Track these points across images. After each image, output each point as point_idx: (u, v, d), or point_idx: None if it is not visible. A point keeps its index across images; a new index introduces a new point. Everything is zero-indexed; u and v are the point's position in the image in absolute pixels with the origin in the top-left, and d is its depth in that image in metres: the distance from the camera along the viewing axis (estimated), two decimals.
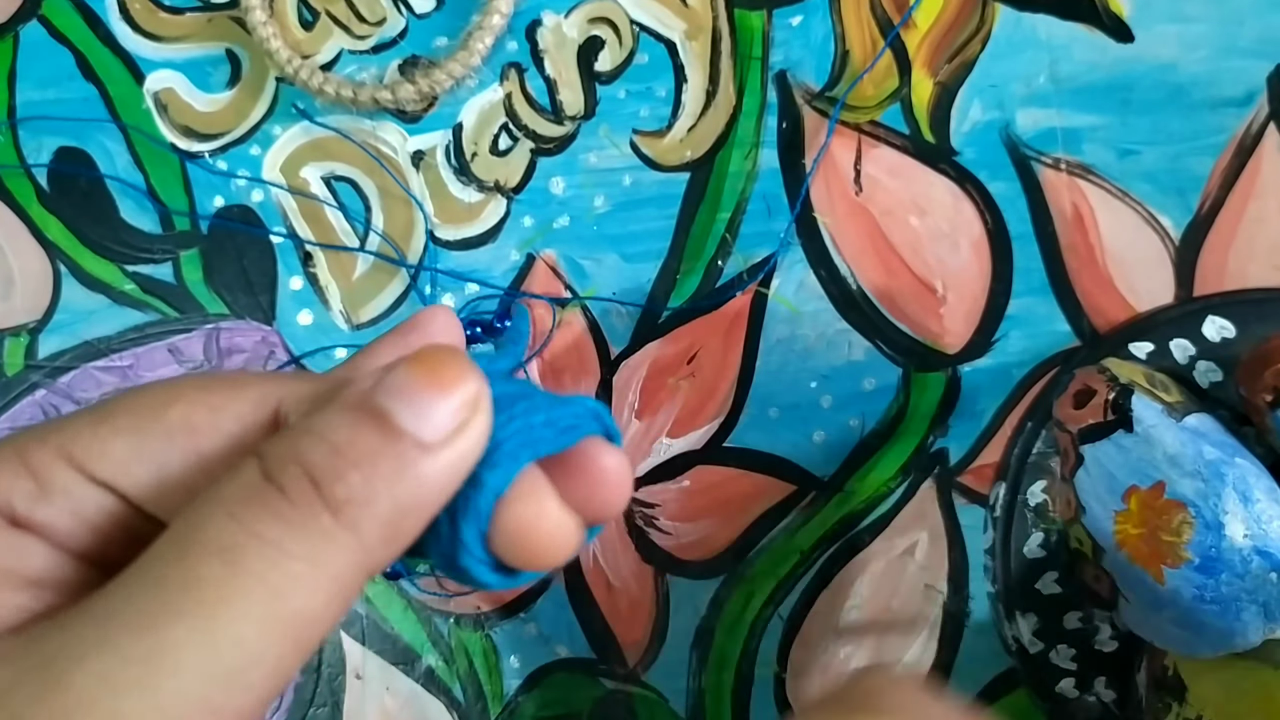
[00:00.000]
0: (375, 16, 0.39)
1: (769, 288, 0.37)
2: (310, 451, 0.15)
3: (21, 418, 0.38)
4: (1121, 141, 0.36)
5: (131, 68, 0.39)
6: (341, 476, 0.15)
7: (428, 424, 0.16)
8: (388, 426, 0.16)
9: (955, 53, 0.37)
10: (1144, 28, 0.36)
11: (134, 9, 0.39)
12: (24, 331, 0.38)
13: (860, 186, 0.37)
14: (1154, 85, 0.36)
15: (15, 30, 0.39)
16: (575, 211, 0.38)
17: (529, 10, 0.38)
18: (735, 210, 0.37)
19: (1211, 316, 0.35)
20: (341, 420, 0.16)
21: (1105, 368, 0.33)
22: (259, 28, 0.37)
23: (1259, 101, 0.36)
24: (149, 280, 0.38)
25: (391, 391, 0.16)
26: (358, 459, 0.15)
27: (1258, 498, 0.29)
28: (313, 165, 0.38)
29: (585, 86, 0.38)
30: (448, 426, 0.16)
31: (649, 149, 0.38)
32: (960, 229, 0.36)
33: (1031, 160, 0.36)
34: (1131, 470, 0.31)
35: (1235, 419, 0.32)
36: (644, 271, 0.37)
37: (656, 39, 0.38)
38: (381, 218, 0.38)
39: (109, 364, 0.38)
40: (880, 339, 0.37)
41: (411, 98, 0.37)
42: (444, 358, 0.17)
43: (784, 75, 0.37)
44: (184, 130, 0.39)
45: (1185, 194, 0.36)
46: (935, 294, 0.36)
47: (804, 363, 0.37)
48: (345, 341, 0.38)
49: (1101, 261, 0.36)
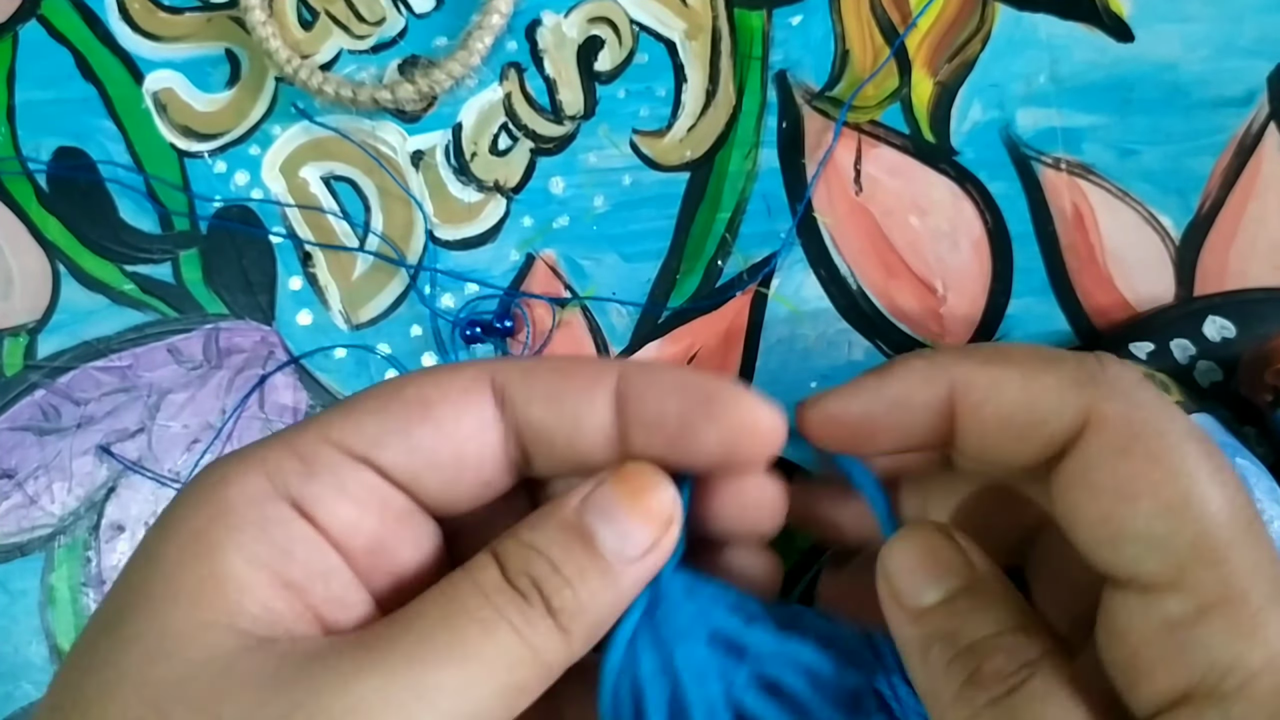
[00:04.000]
0: (375, 16, 0.39)
1: (769, 288, 0.37)
2: (536, 566, 0.19)
3: (21, 418, 0.38)
4: (1122, 141, 0.36)
5: (131, 67, 0.39)
6: (559, 591, 0.19)
7: (629, 544, 0.19)
8: (594, 549, 0.19)
9: (955, 52, 0.37)
10: (1144, 27, 0.36)
11: (133, 9, 0.39)
12: (23, 332, 0.38)
13: (860, 186, 0.37)
14: (1154, 85, 0.36)
15: (14, 30, 0.39)
16: (575, 211, 0.38)
17: (529, 10, 0.38)
18: (735, 210, 0.37)
19: (1212, 316, 0.35)
20: (556, 538, 0.19)
21: None
22: (258, 27, 0.37)
23: (1259, 101, 0.36)
24: (148, 280, 0.38)
25: (598, 512, 0.20)
26: (570, 576, 0.19)
27: (1258, 498, 0.29)
28: (312, 165, 0.38)
29: (585, 86, 0.38)
30: (644, 546, 0.20)
31: (649, 149, 0.38)
32: (960, 229, 0.36)
33: (1031, 160, 0.36)
34: None
35: (1235, 419, 0.32)
36: (644, 271, 0.37)
37: (656, 39, 0.38)
38: (381, 218, 0.38)
39: (108, 364, 0.38)
40: (880, 339, 0.37)
41: (411, 98, 0.37)
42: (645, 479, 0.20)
43: (784, 75, 0.37)
44: (183, 130, 0.39)
45: (1185, 194, 0.36)
46: (935, 294, 0.36)
47: (804, 363, 0.37)
48: (345, 341, 0.38)
49: (1101, 261, 0.36)
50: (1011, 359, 0.20)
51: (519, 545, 0.19)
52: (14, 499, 0.37)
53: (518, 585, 0.19)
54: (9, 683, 0.37)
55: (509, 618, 0.18)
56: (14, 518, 0.37)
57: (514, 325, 0.37)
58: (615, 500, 0.20)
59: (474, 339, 0.37)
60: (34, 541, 0.37)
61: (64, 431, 0.38)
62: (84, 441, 0.38)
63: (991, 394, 0.20)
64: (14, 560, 0.37)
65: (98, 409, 0.38)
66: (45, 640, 0.37)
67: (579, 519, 0.19)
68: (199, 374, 0.38)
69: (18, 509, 0.37)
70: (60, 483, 0.37)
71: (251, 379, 0.38)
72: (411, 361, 0.38)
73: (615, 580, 0.19)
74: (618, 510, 0.20)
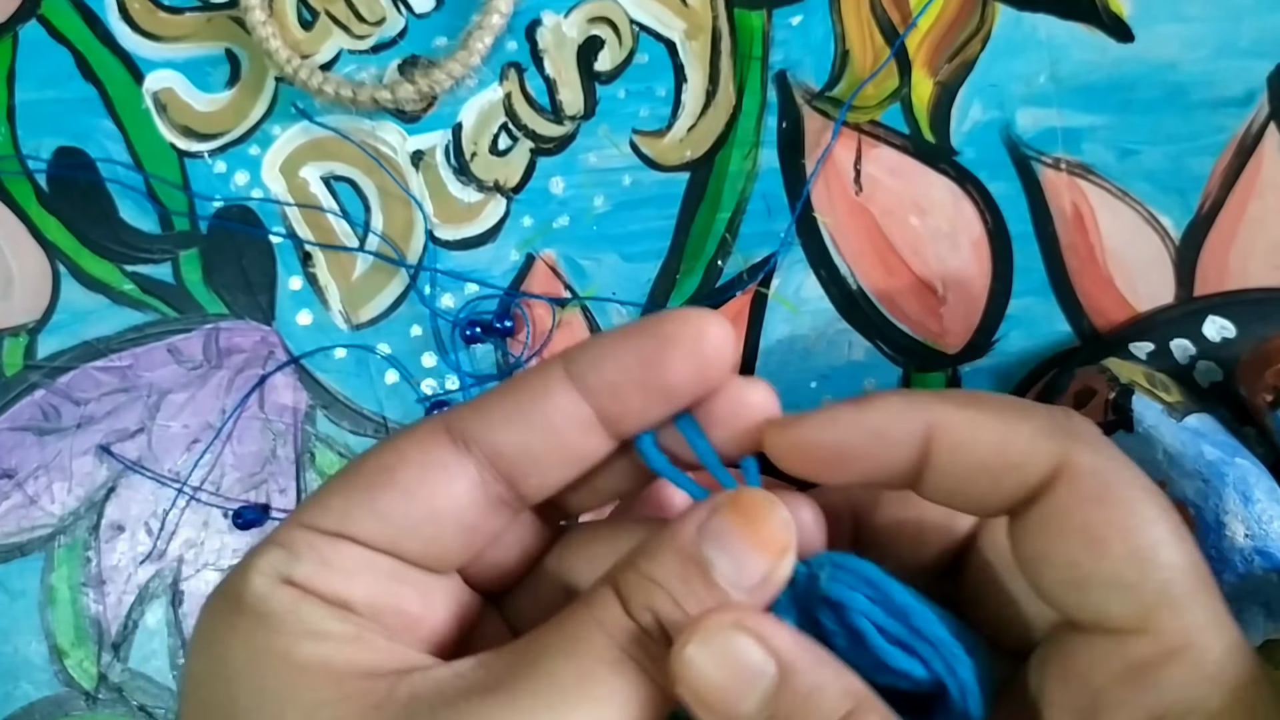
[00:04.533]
0: (375, 16, 0.39)
1: (769, 288, 0.37)
2: (657, 600, 0.19)
3: (21, 418, 0.38)
4: (1122, 141, 0.36)
5: (131, 67, 0.39)
6: (673, 617, 0.19)
7: (745, 575, 0.19)
8: (711, 581, 0.19)
9: (955, 52, 0.37)
10: (1144, 27, 0.36)
11: (133, 9, 0.39)
12: (23, 331, 0.38)
13: (860, 186, 0.37)
14: (1154, 85, 0.36)
15: (14, 30, 0.39)
16: (575, 211, 0.38)
17: (528, 10, 0.38)
18: (735, 210, 0.37)
19: (1212, 316, 0.35)
20: (675, 570, 0.19)
21: (1105, 368, 0.33)
22: (258, 27, 0.37)
23: (1259, 101, 0.36)
24: (148, 280, 0.38)
25: (714, 541, 0.19)
26: (691, 610, 0.19)
27: (1258, 498, 0.29)
28: (312, 165, 0.38)
29: (585, 86, 0.38)
30: (762, 574, 0.19)
31: (649, 149, 0.38)
32: (960, 229, 0.36)
33: (1032, 160, 0.36)
34: None
35: (1235, 419, 0.32)
36: (644, 271, 0.37)
37: (656, 39, 0.38)
38: (381, 218, 0.38)
39: (108, 364, 0.38)
40: (880, 339, 0.37)
41: (411, 97, 0.37)
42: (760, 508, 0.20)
43: (784, 75, 0.37)
44: (183, 130, 0.39)
45: (1185, 194, 0.36)
46: (935, 294, 0.36)
47: (804, 363, 0.37)
48: (345, 341, 0.38)
49: (1102, 261, 0.36)
50: (987, 404, 0.21)
51: (638, 578, 0.19)
52: (14, 499, 0.37)
53: (641, 621, 0.19)
54: (9, 683, 0.37)
55: (636, 657, 0.19)
56: (14, 518, 0.37)
57: (514, 325, 0.37)
58: (731, 528, 0.20)
59: (474, 339, 0.37)
60: (34, 541, 0.37)
61: (64, 431, 0.38)
62: (84, 441, 0.38)
63: (969, 436, 0.20)
64: (14, 560, 0.37)
65: (98, 409, 0.38)
66: (45, 640, 0.37)
67: (696, 549, 0.19)
68: (199, 374, 0.38)
69: (18, 509, 0.37)
70: (60, 483, 0.37)
71: (251, 379, 0.38)
72: (411, 361, 0.38)
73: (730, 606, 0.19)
74: (733, 539, 0.19)
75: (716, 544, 0.19)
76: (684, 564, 0.19)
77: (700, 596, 0.19)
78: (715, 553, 0.19)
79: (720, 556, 0.19)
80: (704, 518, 0.20)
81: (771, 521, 0.20)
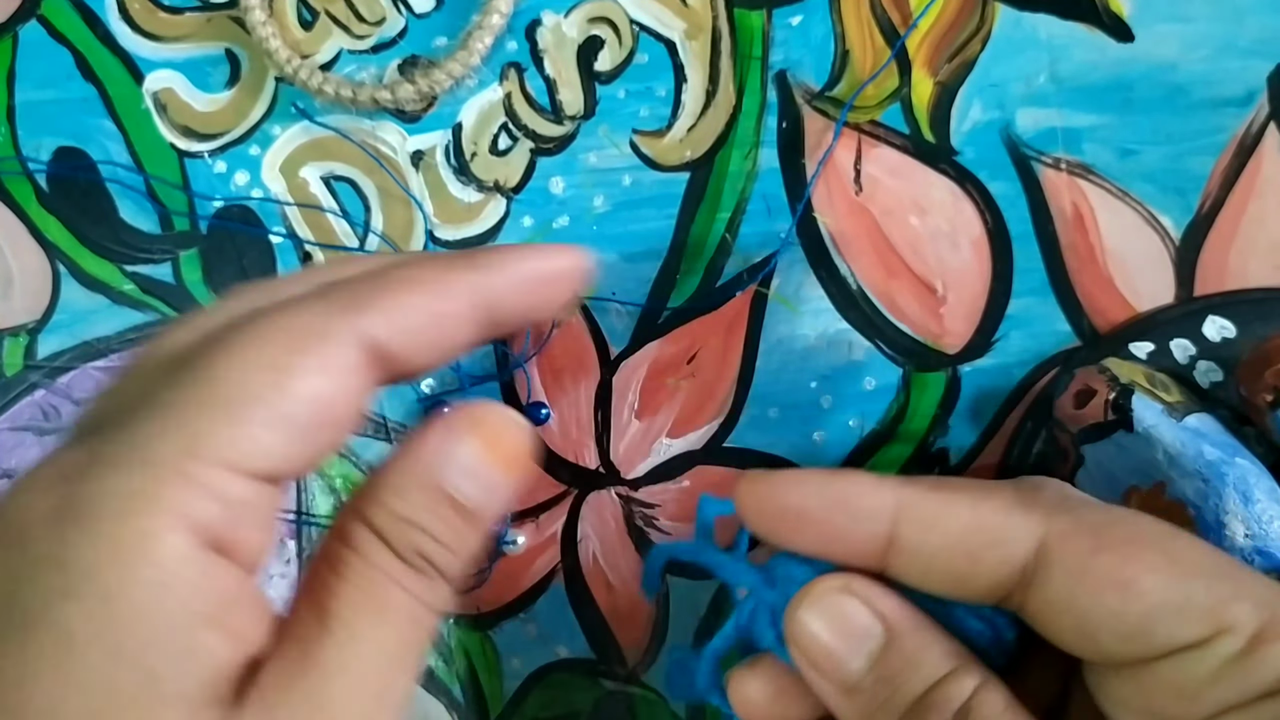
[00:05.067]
0: (375, 16, 0.39)
1: (769, 288, 0.37)
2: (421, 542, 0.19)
3: (21, 418, 0.38)
4: (1122, 141, 0.36)
5: (131, 67, 0.39)
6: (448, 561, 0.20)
7: (493, 495, 0.20)
8: (464, 509, 0.20)
9: (955, 52, 0.37)
10: (1144, 27, 0.36)
11: (133, 9, 0.39)
12: (23, 332, 0.38)
13: (860, 186, 0.37)
14: (1154, 85, 0.36)
15: (14, 30, 0.39)
16: (575, 211, 0.38)
17: (528, 10, 0.38)
18: (735, 210, 0.37)
19: (1212, 316, 0.35)
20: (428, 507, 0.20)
21: (1105, 368, 0.33)
22: (258, 27, 0.37)
23: (1259, 101, 0.35)
24: (148, 280, 0.38)
25: (460, 471, 0.20)
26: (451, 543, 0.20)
27: (1258, 498, 0.29)
28: (312, 165, 0.38)
29: (585, 86, 0.38)
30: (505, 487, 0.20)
31: (649, 149, 0.38)
32: (960, 229, 0.36)
33: (1031, 160, 0.36)
34: (1132, 470, 0.31)
35: (1235, 419, 0.32)
36: (644, 271, 0.37)
37: (656, 39, 0.38)
38: (381, 218, 0.38)
39: (108, 364, 0.38)
40: (880, 339, 0.37)
41: (411, 97, 0.37)
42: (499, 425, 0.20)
43: (784, 75, 0.37)
44: (183, 130, 0.39)
45: (1185, 194, 0.36)
46: (935, 294, 0.36)
47: (804, 363, 0.37)
48: None
49: (1102, 261, 0.36)
50: (954, 487, 0.21)
51: (394, 520, 0.20)
52: None
53: (414, 565, 0.19)
54: None
55: (421, 596, 0.19)
56: None
57: None
58: (475, 454, 0.20)
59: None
60: None
61: (64, 432, 0.38)
62: None
63: (940, 513, 0.20)
64: None
65: None
66: None
67: (443, 481, 0.20)
68: None
69: None
70: None
71: None
72: None
73: (482, 524, 0.20)
74: (478, 465, 0.20)
75: (463, 473, 0.20)
76: (436, 501, 0.20)
77: (458, 529, 0.20)
78: (463, 481, 0.20)
79: (468, 483, 0.20)
80: (445, 445, 0.20)
81: (509, 436, 0.20)
